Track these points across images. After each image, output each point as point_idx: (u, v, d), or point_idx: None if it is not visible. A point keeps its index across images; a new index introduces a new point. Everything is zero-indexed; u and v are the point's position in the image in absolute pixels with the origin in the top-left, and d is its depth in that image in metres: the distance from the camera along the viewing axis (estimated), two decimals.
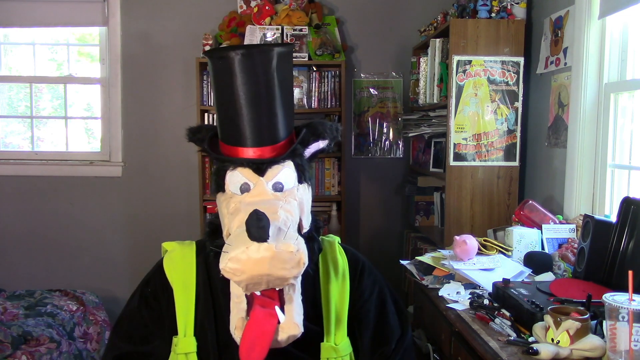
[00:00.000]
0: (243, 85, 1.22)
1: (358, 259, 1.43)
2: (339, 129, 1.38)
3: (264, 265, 1.06)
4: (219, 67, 1.26)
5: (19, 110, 3.83)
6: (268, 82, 1.25)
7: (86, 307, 3.14)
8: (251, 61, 1.23)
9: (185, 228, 3.61)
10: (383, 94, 3.64)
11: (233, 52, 1.22)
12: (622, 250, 1.69)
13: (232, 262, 1.06)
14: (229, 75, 1.23)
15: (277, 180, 1.24)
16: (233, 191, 1.25)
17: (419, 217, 3.48)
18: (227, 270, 1.07)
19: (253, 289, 1.12)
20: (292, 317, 1.15)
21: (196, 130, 1.37)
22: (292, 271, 1.09)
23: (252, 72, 1.23)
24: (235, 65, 1.22)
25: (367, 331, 1.38)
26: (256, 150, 1.25)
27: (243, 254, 1.05)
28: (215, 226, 1.29)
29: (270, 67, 1.24)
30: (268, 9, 3.36)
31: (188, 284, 1.32)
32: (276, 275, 1.08)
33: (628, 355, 1.23)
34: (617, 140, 2.32)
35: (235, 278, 1.08)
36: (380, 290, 1.42)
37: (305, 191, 1.30)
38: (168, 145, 3.60)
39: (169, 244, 1.40)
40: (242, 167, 1.24)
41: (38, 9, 3.53)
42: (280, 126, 1.27)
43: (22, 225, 3.65)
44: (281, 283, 1.11)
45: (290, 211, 1.21)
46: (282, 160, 1.26)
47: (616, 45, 2.32)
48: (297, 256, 1.08)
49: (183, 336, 1.28)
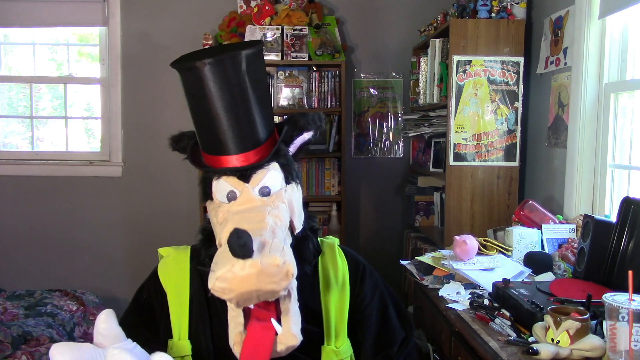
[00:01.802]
0: (216, 93, 1.19)
1: (358, 262, 1.42)
2: (322, 117, 1.35)
3: (252, 281, 1.04)
4: (188, 79, 1.23)
5: (19, 110, 3.83)
6: (241, 87, 1.21)
7: (86, 307, 3.14)
8: (221, 68, 1.19)
9: (185, 228, 3.60)
10: (383, 94, 3.64)
11: (200, 62, 1.18)
12: (622, 250, 1.69)
13: (219, 282, 1.05)
14: (200, 86, 1.20)
15: (263, 184, 1.23)
16: (220, 200, 1.24)
17: (419, 217, 3.48)
18: (216, 289, 1.06)
19: (244, 304, 1.11)
20: (290, 328, 1.15)
21: (178, 139, 1.38)
22: (280, 284, 1.07)
23: (223, 80, 1.19)
24: (205, 75, 1.18)
25: (369, 334, 1.37)
26: (239, 157, 1.23)
27: (229, 272, 1.04)
28: (209, 232, 1.28)
29: (240, 71, 1.21)
30: (268, 9, 3.37)
31: (181, 288, 1.31)
32: (265, 290, 1.06)
33: (628, 355, 1.23)
34: (617, 140, 2.32)
35: (225, 296, 1.07)
36: (381, 294, 1.41)
37: (293, 191, 1.28)
38: (168, 145, 3.59)
39: (164, 250, 1.40)
40: (226, 176, 1.23)
41: (38, 9, 3.53)
42: (260, 128, 1.25)
43: (22, 225, 3.64)
44: (272, 296, 1.10)
45: (279, 216, 1.19)
46: (266, 164, 1.24)
47: (616, 45, 2.32)
48: (284, 268, 1.06)
49: (178, 339, 1.29)
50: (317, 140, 1.42)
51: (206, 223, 1.32)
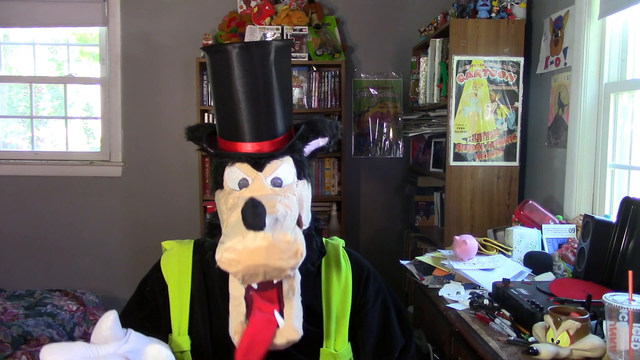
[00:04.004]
0: (241, 79, 1.21)
1: (363, 265, 1.41)
2: (339, 126, 1.36)
3: (261, 254, 1.03)
4: (216, 61, 1.25)
5: (19, 110, 3.83)
6: (266, 76, 1.23)
7: (86, 307, 3.14)
8: (249, 54, 1.21)
9: (185, 228, 3.61)
10: (383, 94, 3.64)
11: (231, 45, 1.21)
12: (622, 250, 1.69)
13: (227, 252, 1.03)
14: (227, 69, 1.21)
15: (276, 175, 1.23)
16: (232, 187, 1.23)
17: (419, 217, 3.48)
18: (223, 261, 1.04)
19: (250, 281, 1.09)
20: (292, 322, 1.14)
21: (194, 129, 1.36)
22: (289, 261, 1.06)
23: (249, 66, 1.21)
24: (233, 59, 1.21)
25: (369, 339, 1.37)
26: (254, 145, 1.23)
27: (239, 243, 1.02)
28: (215, 226, 1.27)
29: (268, 60, 1.23)
30: (268, 9, 3.36)
31: (183, 283, 1.31)
32: (273, 266, 1.05)
33: (628, 355, 1.23)
34: (617, 140, 2.32)
35: (232, 269, 1.06)
36: (384, 299, 1.41)
37: (304, 187, 1.28)
38: (168, 145, 3.60)
39: (168, 243, 1.40)
40: (240, 163, 1.23)
41: (38, 9, 3.53)
42: (279, 121, 1.26)
43: (22, 225, 3.64)
44: (279, 274, 1.08)
45: (289, 206, 1.18)
46: (281, 155, 1.24)
47: (616, 45, 2.32)
48: (294, 246, 1.05)
49: (177, 334, 1.28)
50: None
51: (212, 217, 1.31)
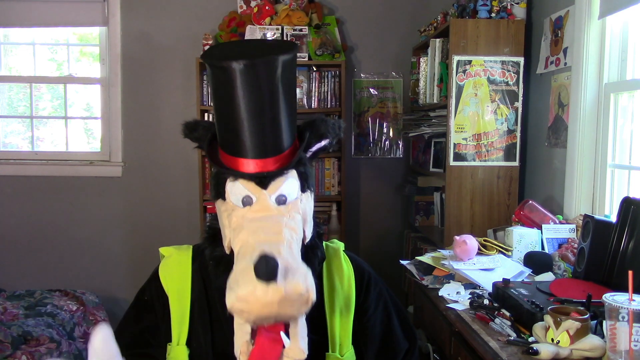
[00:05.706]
0: (246, 97, 1.13)
1: (364, 270, 1.39)
2: (342, 126, 1.32)
3: (273, 307, 1.01)
4: (219, 78, 1.17)
5: (19, 110, 3.83)
6: (272, 94, 1.16)
7: (86, 307, 3.14)
8: (254, 73, 1.12)
9: (185, 228, 3.61)
10: (383, 94, 3.64)
11: (235, 62, 1.11)
12: (622, 250, 1.69)
13: (239, 303, 1.01)
14: (230, 87, 1.13)
15: (281, 193, 1.18)
16: (234, 203, 1.18)
17: (419, 217, 3.48)
18: (235, 310, 1.03)
19: (260, 324, 1.09)
20: (297, 342, 1.11)
21: (192, 128, 1.29)
22: (300, 310, 1.05)
23: (255, 85, 1.13)
24: (237, 78, 1.12)
25: (373, 344, 1.36)
26: (258, 163, 1.17)
27: (251, 295, 1.00)
28: (215, 231, 1.24)
29: (275, 77, 1.15)
30: (268, 9, 3.36)
31: (183, 292, 1.29)
32: (284, 315, 1.05)
33: (628, 355, 1.23)
34: (617, 140, 2.32)
35: (242, 318, 1.05)
36: (385, 303, 1.40)
37: (308, 200, 1.25)
38: (168, 145, 3.60)
39: (166, 249, 1.37)
40: (243, 179, 1.18)
41: (38, 9, 3.53)
42: (285, 135, 1.20)
43: (22, 225, 3.64)
44: (289, 320, 1.08)
45: (295, 228, 1.16)
46: (286, 171, 1.20)
47: (616, 45, 2.32)
48: (305, 296, 1.03)
49: (176, 344, 1.27)
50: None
51: (213, 220, 1.28)
